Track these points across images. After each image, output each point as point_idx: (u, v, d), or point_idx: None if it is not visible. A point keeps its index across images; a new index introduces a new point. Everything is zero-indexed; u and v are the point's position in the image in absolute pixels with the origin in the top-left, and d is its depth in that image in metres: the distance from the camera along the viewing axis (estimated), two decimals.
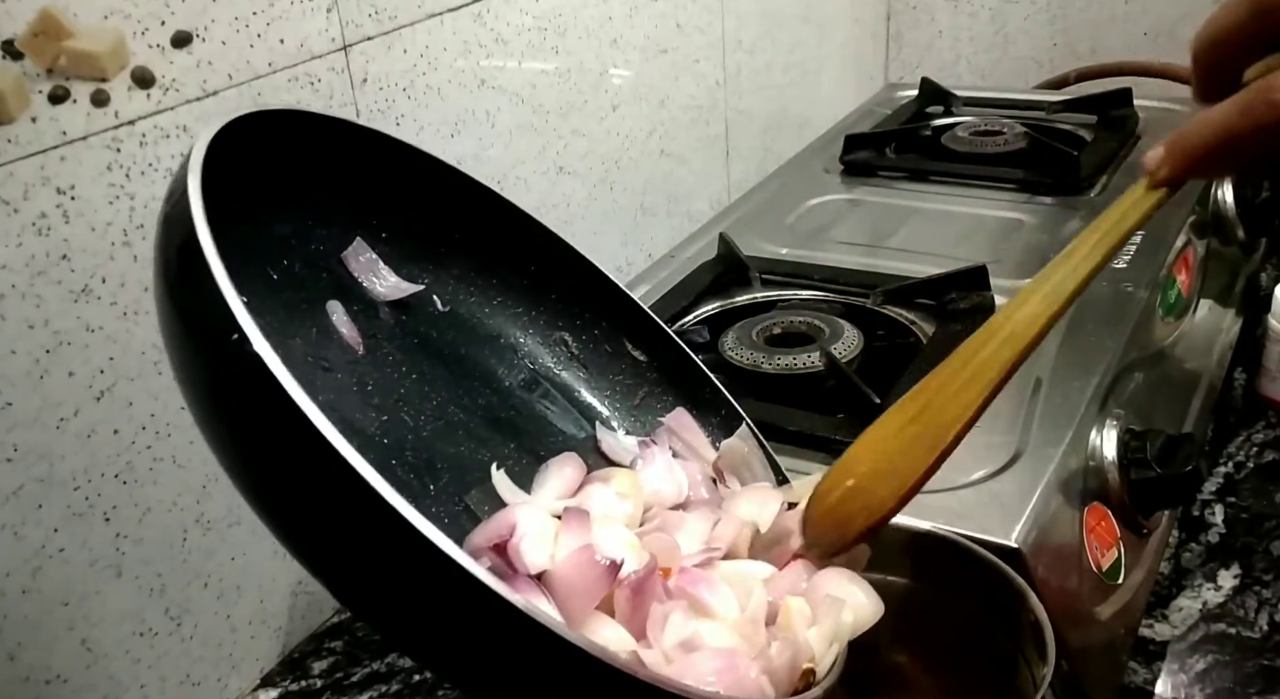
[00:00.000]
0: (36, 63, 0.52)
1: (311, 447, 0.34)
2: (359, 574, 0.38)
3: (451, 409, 0.53)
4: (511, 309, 0.59)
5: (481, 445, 0.53)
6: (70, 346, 0.56)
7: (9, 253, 0.52)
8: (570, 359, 0.59)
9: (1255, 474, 0.80)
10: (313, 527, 0.38)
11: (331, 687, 0.69)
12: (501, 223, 0.57)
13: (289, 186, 0.50)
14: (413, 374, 0.53)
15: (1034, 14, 1.36)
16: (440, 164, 0.55)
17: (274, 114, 0.47)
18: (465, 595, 0.35)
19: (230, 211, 0.41)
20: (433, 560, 0.34)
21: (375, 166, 0.53)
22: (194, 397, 0.39)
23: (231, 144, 0.43)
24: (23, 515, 0.55)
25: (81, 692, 0.59)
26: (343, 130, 0.52)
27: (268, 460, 0.38)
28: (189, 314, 0.39)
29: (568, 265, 0.58)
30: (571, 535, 0.46)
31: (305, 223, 0.52)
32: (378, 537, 0.35)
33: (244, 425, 0.38)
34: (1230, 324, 0.93)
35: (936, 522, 0.57)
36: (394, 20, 0.70)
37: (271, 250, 0.50)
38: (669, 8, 0.98)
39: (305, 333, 0.50)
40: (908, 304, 0.81)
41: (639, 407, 0.59)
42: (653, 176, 1.00)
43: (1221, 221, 0.97)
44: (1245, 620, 0.68)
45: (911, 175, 1.05)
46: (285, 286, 0.50)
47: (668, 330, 0.59)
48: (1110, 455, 0.66)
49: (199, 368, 0.39)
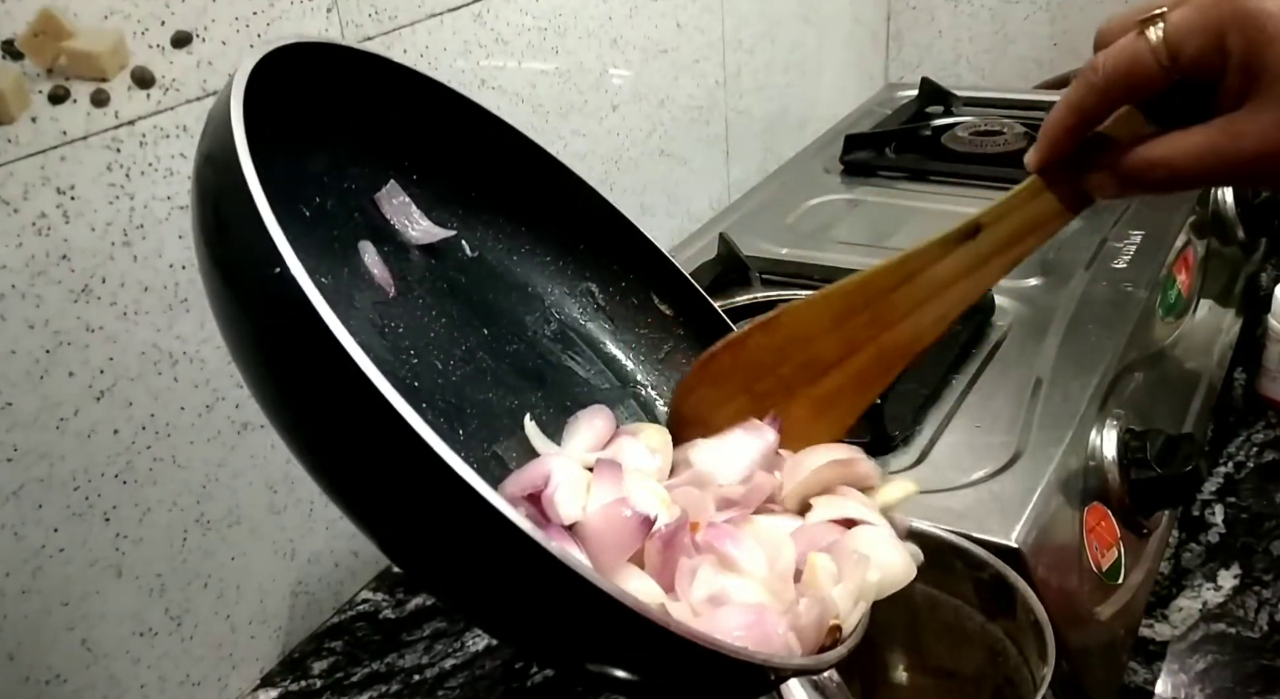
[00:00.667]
0: (37, 63, 0.52)
1: (353, 384, 0.34)
2: (393, 514, 0.38)
3: (480, 355, 0.53)
4: (539, 257, 0.58)
5: (509, 393, 0.53)
6: (70, 347, 0.56)
7: (9, 253, 0.52)
8: (596, 310, 0.59)
9: (1255, 474, 0.80)
10: (350, 466, 0.38)
11: (331, 687, 0.69)
12: (534, 170, 0.56)
13: (324, 122, 0.49)
14: (442, 318, 0.53)
15: (1034, 14, 1.36)
16: (476, 107, 0.54)
17: (312, 47, 0.46)
18: (500, 538, 0.34)
19: (266, 144, 0.40)
20: (468, 501, 0.34)
21: (411, 107, 0.52)
22: (233, 331, 0.39)
23: (268, 76, 0.42)
24: (23, 515, 0.55)
25: (81, 692, 0.59)
26: (379, 67, 0.51)
27: (308, 396, 0.37)
28: (232, 247, 0.38)
29: (598, 216, 0.58)
30: (604, 487, 0.45)
31: (339, 160, 0.51)
32: (414, 476, 0.35)
33: (285, 361, 0.37)
34: (1230, 324, 0.93)
35: (936, 522, 0.57)
36: (394, 20, 0.70)
37: (305, 186, 0.49)
38: (669, 8, 0.98)
39: (337, 272, 0.49)
40: None
41: (664, 360, 0.59)
42: (653, 176, 1.00)
43: (1221, 222, 0.97)
44: (1245, 620, 0.68)
45: (911, 175, 1.05)
46: (318, 224, 0.50)
47: (695, 285, 0.59)
48: (1110, 455, 0.66)
49: (240, 303, 0.38)
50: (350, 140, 0.51)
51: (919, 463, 0.64)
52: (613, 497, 0.45)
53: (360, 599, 0.76)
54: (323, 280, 0.48)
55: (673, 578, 0.44)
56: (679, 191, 1.04)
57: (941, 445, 0.65)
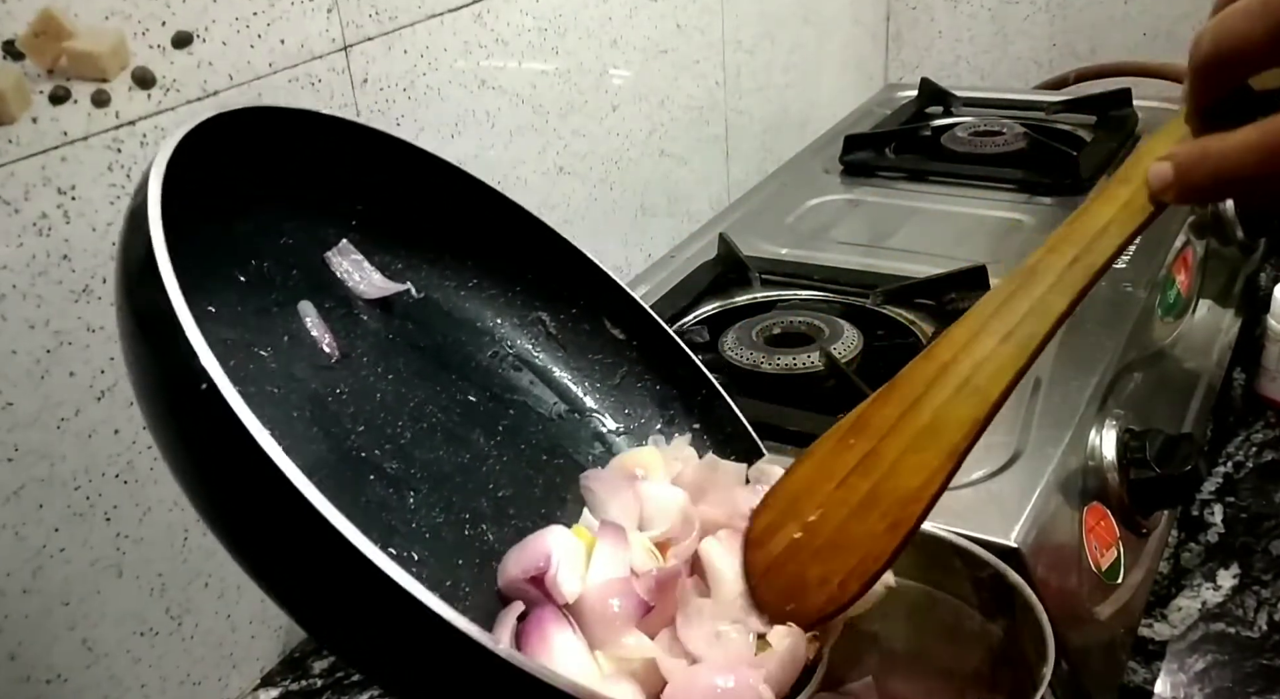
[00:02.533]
0: (37, 63, 0.52)
1: (289, 504, 0.34)
2: (346, 625, 0.38)
3: (429, 409, 0.52)
4: (487, 291, 0.57)
5: (461, 447, 0.52)
6: (71, 346, 0.56)
7: (10, 253, 0.52)
8: (548, 339, 0.58)
9: (1254, 474, 0.80)
10: (296, 580, 0.37)
11: (332, 686, 0.69)
12: (474, 203, 0.56)
13: (255, 182, 0.49)
14: (389, 375, 0.52)
15: (1033, 14, 1.36)
16: (405, 145, 0.54)
17: (231, 116, 0.46)
18: (453, 648, 0.34)
19: (194, 214, 0.40)
20: (427, 624, 0.34)
21: (341, 155, 0.52)
22: (163, 440, 0.38)
23: (189, 149, 0.42)
24: (24, 515, 0.55)
25: (82, 691, 0.59)
26: (303, 121, 0.50)
27: (244, 514, 0.37)
28: (158, 362, 0.37)
29: (544, 245, 0.57)
30: (606, 556, 0.47)
31: (272, 217, 0.50)
32: (361, 595, 0.35)
33: (216, 476, 0.37)
34: (1229, 324, 0.93)
35: (936, 521, 0.57)
36: (394, 21, 0.70)
37: (239, 250, 0.49)
38: (669, 8, 0.98)
39: (276, 341, 0.48)
40: (907, 304, 0.81)
41: (619, 386, 0.59)
42: (653, 177, 1.00)
43: (1221, 222, 0.97)
44: (1244, 620, 0.68)
45: (911, 175, 1.05)
46: (255, 289, 0.49)
47: (646, 308, 0.59)
48: (1110, 455, 0.66)
49: (169, 416, 0.38)
50: (283, 196, 0.50)
51: None
52: (614, 564, 0.46)
53: None
54: (262, 353, 0.47)
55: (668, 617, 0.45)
56: (679, 191, 1.04)
57: None
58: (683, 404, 0.58)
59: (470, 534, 0.49)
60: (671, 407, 0.59)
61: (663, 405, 0.59)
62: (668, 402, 0.59)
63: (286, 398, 0.47)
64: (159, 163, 0.40)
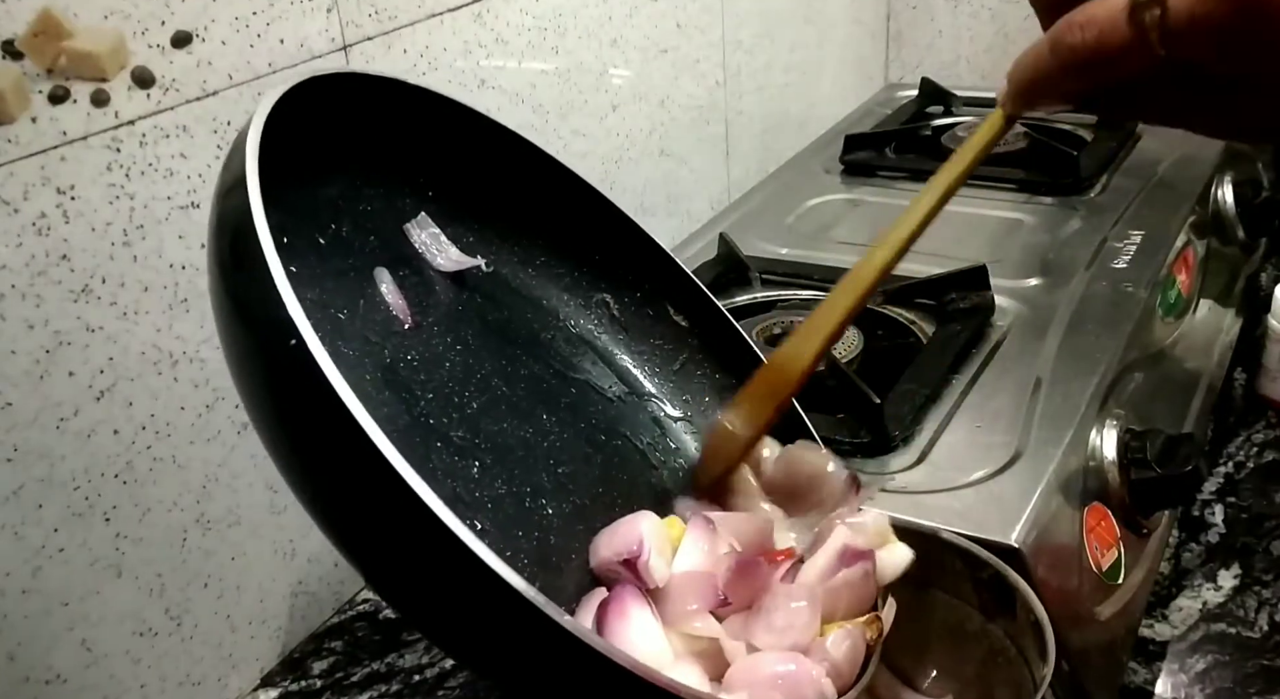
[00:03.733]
0: (37, 63, 0.52)
1: (373, 466, 0.34)
2: (414, 586, 0.39)
3: (495, 382, 0.53)
4: (555, 270, 0.58)
5: (524, 421, 0.52)
6: (70, 346, 0.56)
7: (9, 253, 0.52)
8: (611, 322, 0.59)
9: (1255, 474, 0.80)
10: (371, 540, 0.38)
11: (331, 687, 0.69)
12: (547, 182, 0.56)
13: (337, 147, 0.49)
14: (457, 345, 0.52)
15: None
16: (488, 121, 0.54)
17: (322, 80, 0.46)
18: (521, 616, 0.35)
19: (279, 177, 0.40)
20: (495, 590, 0.34)
21: (422, 125, 0.52)
22: (251, 397, 0.39)
23: (279, 112, 0.43)
24: (23, 515, 0.55)
25: (82, 692, 0.59)
26: (390, 89, 0.51)
27: (324, 471, 0.37)
28: (249, 316, 0.38)
29: (613, 227, 0.58)
30: (694, 545, 0.48)
31: (353, 183, 0.51)
32: (437, 561, 0.35)
33: (304, 437, 0.37)
34: (1230, 324, 0.93)
35: (936, 522, 0.57)
36: (394, 20, 0.70)
37: (320, 214, 0.49)
38: (669, 8, 0.98)
39: (353, 304, 0.49)
40: (908, 304, 0.81)
41: (679, 372, 0.59)
42: (653, 176, 1.00)
43: (1221, 221, 0.97)
44: (1245, 620, 0.68)
45: (911, 175, 1.05)
46: (334, 253, 0.49)
47: (711, 296, 0.59)
48: (1110, 455, 0.66)
49: (257, 371, 0.39)
50: (364, 163, 0.51)
51: (919, 463, 0.64)
52: (700, 555, 0.48)
53: (360, 599, 0.76)
54: (339, 315, 0.48)
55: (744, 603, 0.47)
56: (679, 191, 1.04)
57: (941, 445, 0.65)
58: None
59: (530, 507, 0.49)
60: (728, 396, 0.59)
61: (721, 394, 0.59)
62: (726, 391, 0.59)
63: (360, 361, 0.47)
64: (256, 123, 0.41)
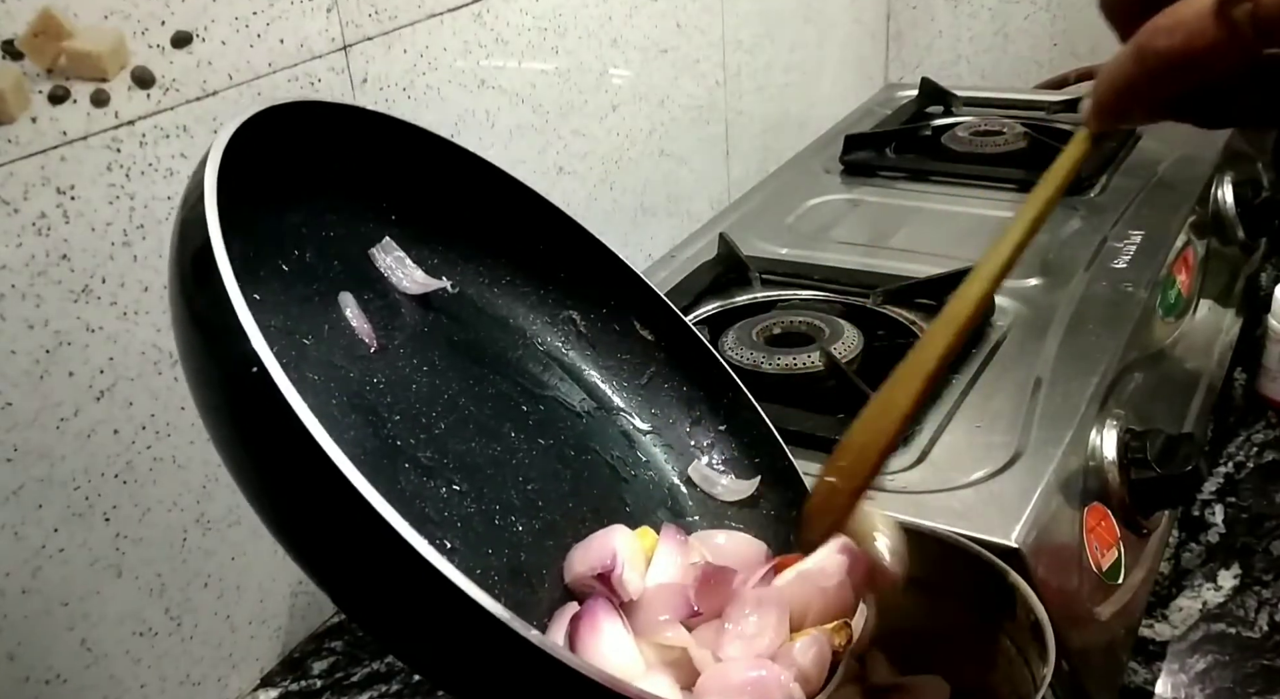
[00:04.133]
0: (37, 63, 0.52)
1: (339, 491, 0.34)
2: (384, 609, 0.39)
3: (462, 402, 0.53)
4: (520, 288, 0.58)
5: (492, 439, 0.53)
6: (70, 347, 0.56)
7: (9, 253, 0.52)
8: (578, 338, 0.59)
9: (1255, 474, 0.80)
10: (339, 565, 0.38)
11: (331, 687, 0.69)
12: (509, 202, 0.57)
13: (298, 174, 0.50)
14: (424, 367, 0.53)
15: (1034, 14, 1.36)
16: (447, 144, 0.54)
17: (281, 109, 0.47)
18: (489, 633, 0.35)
19: (242, 205, 0.41)
20: (464, 610, 0.35)
21: (383, 150, 0.53)
22: (216, 428, 0.39)
23: (240, 141, 0.43)
24: (23, 515, 0.55)
25: (81, 691, 0.59)
26: (350, 116, 0.51)
27: (290, 497, 0.38)
28: (210, 343, 0.39)
29: (576, 244, 0.58)
30: (667, 556, 0.49)
31: (316, 210, 0.51)
32: (405, 584, 0.35)
33: (270, 464, 0.38)
34: (1230, 324, 0.93)
35: (936, 522, 0.57)
36: (394, 20, 0.70)
37: (284, 241, 0.50)
38: (669, 8, 0.98)
39: (318, 330, 0.50)
40: (908, 304, 0.81)
41: (647, 386, 0.59)
42: (653, 176, 1.00)
43: (1221, 221, 0.97)
44: (1245, 620, 0.68)
45: (911, 175, 1.05)
46: (298, 279, 0.50)
47: (676, 310, 0.59)
48: (1110, 455, 0.66)
49: (221, 399, 0.39)
50: (326, 189, 0.51)
51: (919, 463, 0.64)
52: (672, 567, 0.49)
53: None
54: (304, 341, 0.48)
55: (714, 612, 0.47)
56: (679, 191, 1.04)
57: (941, 445, 0.65)
58: (709, 406, 0.59)
59: (500, 524, 0.50)
60: (698, 408, 0.60)
61: (689, 406, 0.60)
62: (694, 403, 0.60)
63: (326, 385, 0.48)
64: (214, 154, 0.41)
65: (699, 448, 0.59)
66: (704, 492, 0.58)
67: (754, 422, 0.58)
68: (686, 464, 0.58)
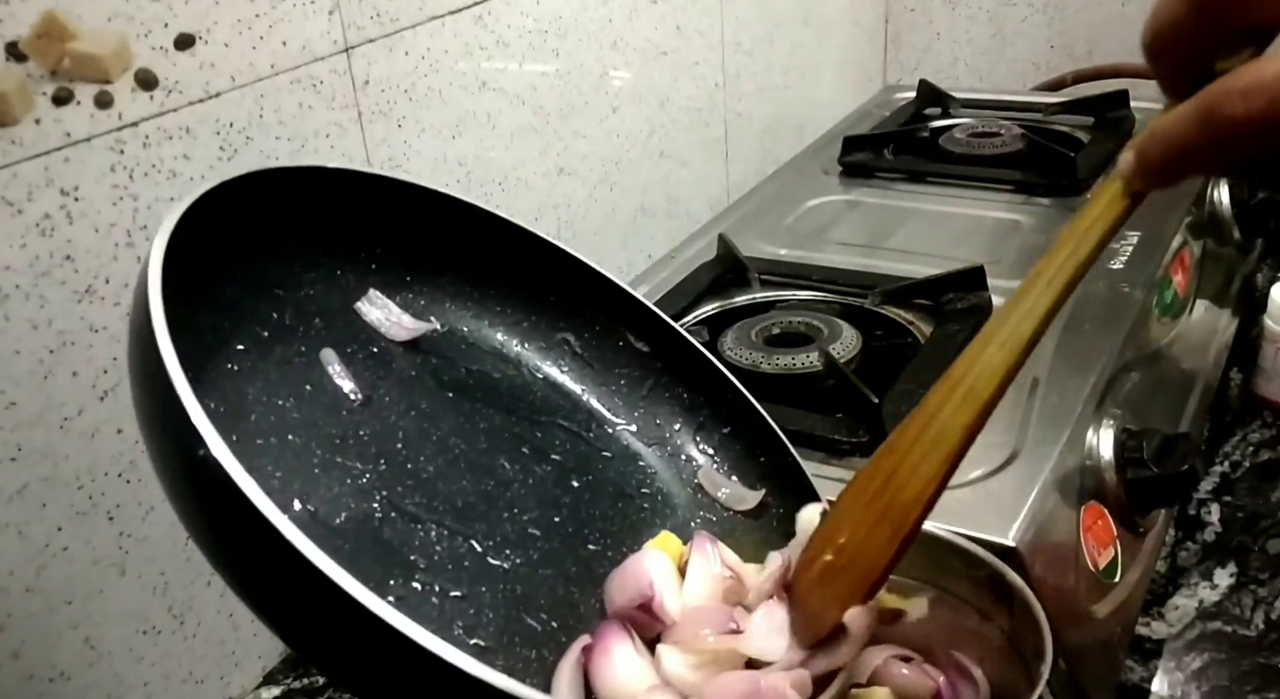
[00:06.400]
0: (40, 65, 0.52)
1: (301, 571, 0.35)
2: (355, 671, 0.38)
3: (453, 441, 0.53)
4: (510, 318, 0.58)
5: (484, 475, 0.52)
6: (74, 347, 0.56)
7: (13, 253, 0.53)
8: (574, 358, 0.59)
9: (1251, 473, 0.81)
10: (315, 638, 0.38)
11: (333, 684, 0.69)
12: (487, 234, 0.57)
13: (267, 238, 0.49)
14: (411, 412, 0.52)
15: (1031, 16, 1.37)
16: (413, 187, 0.54)
17: (232, 184, 0.46)
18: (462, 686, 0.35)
19: (210, 275, 0.41)
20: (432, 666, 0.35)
21: (350, 202, 0.53)
22: (171, 498, 0.40)
23: (198, 213, 0.43)
24: (27, 514, 0.55)
25: (85, 690, 0.60)
26: (310, 176, 0.51)
27: (256, 578, 0.38)
28: (162, 429, 0.39)
29: (561, 266, 0.58)
30: (700, 568, 0.50)
31: (291, 270, 0.51)
32: (366, 641, 0.35)
33: (221, 535, 0.38)
34: (1226, 324, 0.93)
35: (934, 521, 0.57)
36: (396, 23, 0.71)
37: (259, 305, 0.49)
38: (669, 10, 0.98)
39: (299, 391, 0.49)
40: (906, 304, 0.81)
41: (648, 397, 0.59)
42: (652, 178, 1.01)
43: (1217, 222, 0.98)
44: (1241, 619, 0.68)
45: (909, 177, 1.05)
46: (278, 341, 0.49)
47: (667, 320, 0.59)
48: (1107, 455, 0.66)
49: (173, 477, 0.39)
50: (299, 250, 0.51)
51: None
52: (706, 580, 0.49)
53: None
54: (284, 404, 0.48)
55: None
56: (678, 193, 1.05)
57: None
58: (711, 411, 0.59)
59: (495, 561, 0.49)
60: (700, 414, 0.59)
61: (692, 413, 0.59)
62: (696, 409, 0.59)
63: (307, 445, 0.47)
64: (159, 241, 0.41)
65: (706, 454, 0.59)
66: (713, 498, 0.58)
67: (755, 421, 0.58)
68: (695, 472, 0.58)
